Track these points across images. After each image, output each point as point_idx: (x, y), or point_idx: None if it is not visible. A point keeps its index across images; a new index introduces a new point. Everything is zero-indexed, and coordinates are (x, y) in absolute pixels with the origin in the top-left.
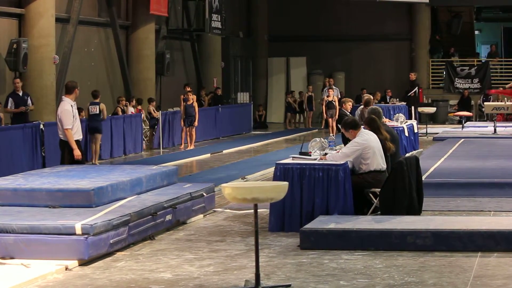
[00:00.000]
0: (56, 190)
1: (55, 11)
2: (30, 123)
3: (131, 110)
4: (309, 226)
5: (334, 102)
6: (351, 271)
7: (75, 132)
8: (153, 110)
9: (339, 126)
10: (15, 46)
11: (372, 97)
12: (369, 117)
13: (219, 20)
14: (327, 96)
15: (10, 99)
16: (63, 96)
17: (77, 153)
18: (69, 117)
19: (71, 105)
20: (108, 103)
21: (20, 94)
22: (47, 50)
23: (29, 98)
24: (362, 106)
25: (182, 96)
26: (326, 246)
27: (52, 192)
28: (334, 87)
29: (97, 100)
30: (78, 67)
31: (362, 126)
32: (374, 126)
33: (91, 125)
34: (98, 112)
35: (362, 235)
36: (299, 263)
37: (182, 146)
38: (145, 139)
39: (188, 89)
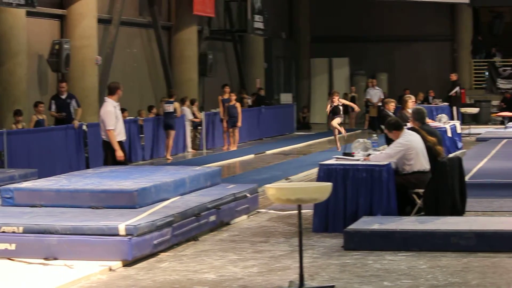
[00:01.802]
0: (100, 191)
1: (97, 12)
2: (73, 124)
3: (187, 110)
4: (352, 226)
5: (340, 107)
6: (395, 271)
7: (118, 133)
8: (196, 111)
9: (382, 127)
10: (57, 47)
11: (411, 97)
12: (412, 127)
13: (261, 20)
14: (332, 101)
15: (53, 102)
16: (105, 97)
17: (119, 154)
18: (111, 118)
19: (114, 106)
20: (150, 104)
21: (64, 97)
22: (89, 51)
23: (74, 100)
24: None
25: (220, 97)
26: (370, 246)
27: (96, 193)
28: (376, 87)
29: (172, 99)
30: (121, 68)
31: (405, 127)
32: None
33: (166, 122)
34: (172, 110)
35: (405, 236)
36: (343, 264)
37: (225, 147)
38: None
39: (228, 89)
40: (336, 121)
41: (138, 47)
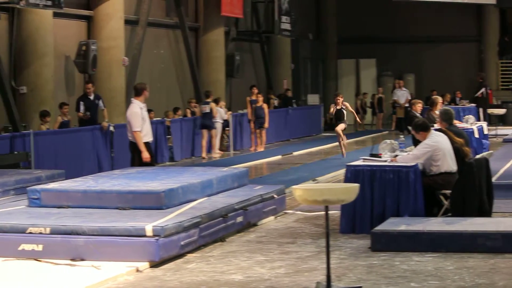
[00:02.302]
0: (127, 192)
1: (123, 13)
2: (100, 125)
3: (221, 110)
4: (380, 228)
5: (344, 110)
6: (422, 273)
7: (144, 134)
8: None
9: (410, 128)
10: (84, 48)
11: (439, 98)
12: (439, 128)
13: (288, 21)
14: (335, 104)
15: (82, 103)
16: (132, 98)
17: (145, 155)
18: (138, 119)
19: (140, 107)
20: (178, 105)
21: (91, 97)
22: (116, 52)
23: (100, 101)
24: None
25: (248, 98)
26: (397, 248)
27: (123, 194)
28: (404, 88)
29: (209, 100)
30: (148, 69)
31: (432, 128)
32: (446, 136)
33: (203, 122)
34: (209, 110)
35: (432, 237)
36: (370, 265)
37: (252, 148)
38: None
39: (255, 90)
40: (340, 127)
41: (165, 48)
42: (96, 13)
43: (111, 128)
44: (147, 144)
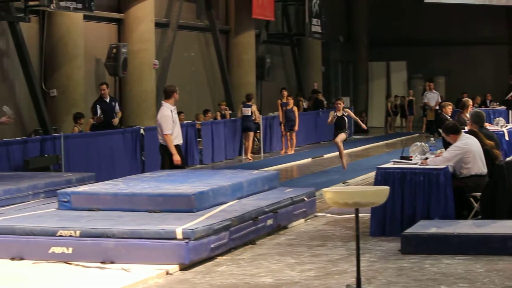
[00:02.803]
0: (157, 195)
1: (154, 16)
2: (131, 128)
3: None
4: (410, 230)
5: (345, 117)
6: (452, 275)
7: (175, 137)
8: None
9: (440, 130)
10: (114, 51)
11: (469, 101)
12: (470, 131)
13: (319, 24)
14: (335, 111)
15: (98, 106)
16: (162, 101)
17: (176, 158)
18: (168, 122)
19: (171, 110)
20: (208, 108)
21: (108, 100)
22: (147, 55)
23: (116, 104)
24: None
25: (279, 101)
26: (427, 250)
27: (153, 197)
28: (434, 91)
29: (250, 103)
30: (178, 72)
31: (463, 131)
32: (477, 138)
33: (244, 124)
34: (250, 113)
35: (462, 240)
36: (400, 268)
37: (283, 150)
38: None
39: (286, 93)
40: (340, 138)
41: (195, 51)
42: (127, 16)
43: (141, 131)
44: (177, 147)
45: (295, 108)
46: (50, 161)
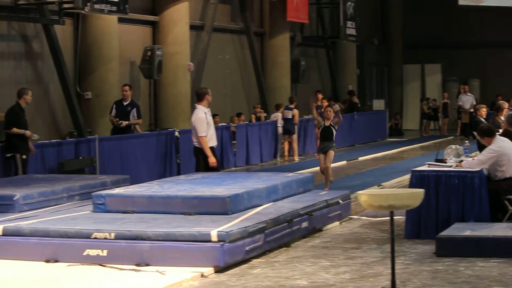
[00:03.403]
0: (192, 197)
1: (189, 19)
2: (165, 130)
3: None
4: (445, 233)
5: (333, 128)
6: (486, 278)
7: (209, 139)
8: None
9: (475, 133)
10: (149, 53)
11: (504, 103)
12: (505, 130)
13: (353, 27)
14: (325, 119)
15: (114, 106)
16: (196, 104)
17: (211, 160)
18: (203, 124)
19: (205, 112)
20: (243, 110)
21: (125, 103)
22: (182, 57)
23: (134, 109)
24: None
25: (314, 104)
26: (462, 253)
27: (188, 199)
28: (469, 94)
29: (292, 106)
30: (213, 75)
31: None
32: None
33: (285, 127)
34: (291, 116)
35: (497, 242)
36: (434, 270)
37: (317, 153)
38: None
39: (321, 96)
40: (329, 159)
41: (230, 54)
42: (162, 19)
43: (176, 134)
44: (212, 149)
45: None
46: (84, 163)
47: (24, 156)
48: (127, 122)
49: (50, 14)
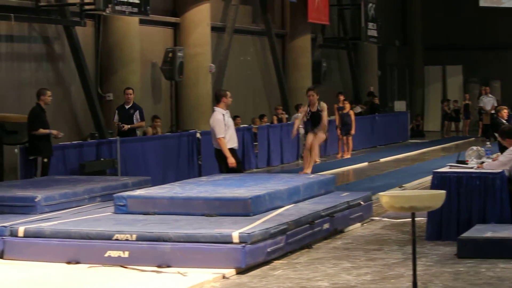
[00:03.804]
0: (213, 199)
1: (210, 20)
2: (187, 132)
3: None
4: (466, 234)
5: (320, 113)
6: (508, 279)
7: (228, 140)
8: None
9: (496, 134)
10: (170, 55)
11: None
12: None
13: (375, 28)
14: (310, 105)
15: (117, 112)
16: (214, 106)
17: (231, 161)
18: (221, 126)
19: (223, 114)
20: (265, 111)
21: (127, 107)
22: (203, 59)
23: (137, 112)
24: None
25: (336, 105)
26: (483, 254)
27: (209, 201)
28: (490, 95)
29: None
30: (234, 76)
31: None
32: None
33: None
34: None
35: None
36: (456, 272)
37: (339, 154)
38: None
39: (342, 97)
40: (319, 140)
41: (251, 55)
42: (183, 20)
43: (198, 135)
44: (232, 150)
45: (351, 112)
46: (106, 165)
47: (45, 160)
48: (129, 126)
49: (71, 16)
